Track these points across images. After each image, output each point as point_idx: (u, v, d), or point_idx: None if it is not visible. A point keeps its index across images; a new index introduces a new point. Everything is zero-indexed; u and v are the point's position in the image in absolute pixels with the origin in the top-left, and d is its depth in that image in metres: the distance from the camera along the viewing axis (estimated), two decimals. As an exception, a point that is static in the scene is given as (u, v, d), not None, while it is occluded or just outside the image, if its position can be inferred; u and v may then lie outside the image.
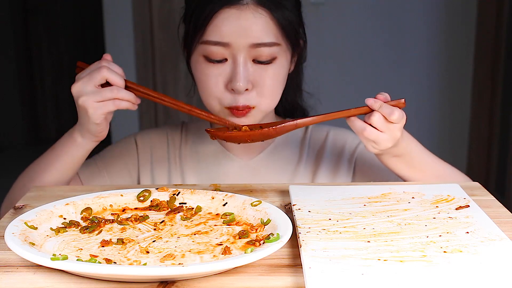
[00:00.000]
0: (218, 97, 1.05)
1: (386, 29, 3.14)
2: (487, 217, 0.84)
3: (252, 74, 1.04)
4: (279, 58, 1.06)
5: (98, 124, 1.00)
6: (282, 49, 1.06)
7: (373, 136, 0.97)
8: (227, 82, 1.04)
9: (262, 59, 1.04)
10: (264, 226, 0.81)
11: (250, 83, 1.03)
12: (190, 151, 1.21)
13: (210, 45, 1.03)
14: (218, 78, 1.04)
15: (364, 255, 0.72)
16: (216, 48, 1.03)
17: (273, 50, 1.04)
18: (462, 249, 0.74)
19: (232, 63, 1.03)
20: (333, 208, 0.88)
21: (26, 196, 1.00)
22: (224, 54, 1.03)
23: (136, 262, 0.73)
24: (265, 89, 1.05)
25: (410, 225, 0.82)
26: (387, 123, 0.96)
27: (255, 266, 0.73)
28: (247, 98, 1.04)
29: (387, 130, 0.97)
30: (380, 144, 0.98)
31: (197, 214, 0.89)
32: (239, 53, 1.02)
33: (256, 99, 1.05)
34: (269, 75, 1.05)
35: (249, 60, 1.04)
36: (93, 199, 0.91)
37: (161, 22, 3.12)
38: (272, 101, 1.08)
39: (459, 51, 3.16)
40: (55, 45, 4.74)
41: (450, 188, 0.96)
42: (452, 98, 3.22)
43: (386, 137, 0.97)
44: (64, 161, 1.07)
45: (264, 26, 1.03)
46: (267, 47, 1.03)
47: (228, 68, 1.04)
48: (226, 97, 1.05)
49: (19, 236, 0.76)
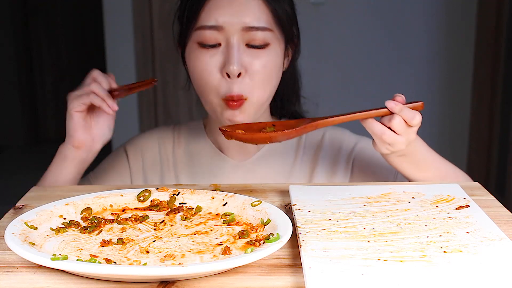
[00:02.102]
0: (214, 85, 1.06)
1: (386, 29, 3.14)
2: (487, 217, 0.84)
3: (246, 58, 1.05)
4: (272, 45, 1.07)
5: (73, 118, 1.05)
6: (275, 36, 1.07)
7: (391, 139, 0.97)
8: (221, 67, 1.05)
9: (255, 43, 1.05)
10: (264, 226, 0.81)
11: (243, 67, 1.04)
12: (184, 152, 1.21)
13: (204, 30, 1.05)
14: (212, 64, 1.05)
15: (364, 255, 0.72)
16: (210, 33, 1.05)
17: (266, 35, 1.05)
18: (462, 249, 0.74)
19: (226, 47, 1.05)
20: (333, 208, 0.88)
21: (26, 196, 1.00)
22: (218, 38, 1.05)
23: (136, 262, 0.73)
24: (257, 75, 1.05)
25: (410, 225, 0.82)
26: (407, 127, 0.97)
27: (255, 266, 0.73)
28: (240, 87, 1.04)
29: (405, 133, 0.97)
30: (395, 147, 0.99)
31: (197, 214, 0.89)
32: (232, 36, 1.04)
33: (249, 87, 1.05)
34: (262, 60, 1.06)
35: (242, 44, 1.05)
36: (93, 199, 0.91)
37: (161, 22, 3.12)
38: (263, 92, 1.08)
39: (459, 51, 3.16)
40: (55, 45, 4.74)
41: (450, 188, 0.96)
42: (452, 98, 3.22)
43: (402, 140, 0.98)
44: (58, 179, 1.10)
45: (257, 10, 1.05)
46: (259, 31, 1.04)
47: (222, 53, 1.05)
48: (221, 85, 1.05)
49: (19, 236, 0.76)
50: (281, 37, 1.09)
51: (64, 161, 1.08)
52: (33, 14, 4.66)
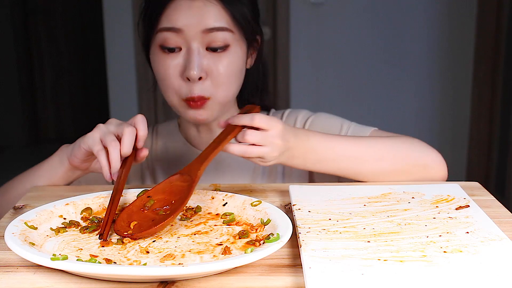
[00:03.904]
0: (175, 88, 1.07)
1: (386, 29, 3.14)
2: (487, 217, 0.84)
3: (206, 62, 1.06)
4: (233, 46, 1.07)
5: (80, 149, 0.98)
6: (235, 38, 1.08)
7: (256, 152, 0.94)
8: (182, 71, 1.06)
9: (215, 45, 1.06)
10: (264, 226, 0.81)
11: (204, 71, 1.05)
12: (161, 151, 1.23)
13: (163, 31, 1.06)
14: (173, 68, 1.07)
15: (364, 255, 0.72)
16: (170, 35, 1.06)
17: (226, 35, 1.06)
18: (462, 249, 0.74)
19: (186, 52, 1.06)
20: (333, 208, 0.88)
21: (26, 196, 1.00)
22: (178, 42, 1.06)
23: (136, 262, 0.73)
24: (219, 78, 1.06)
25: (410, 225, 0.82)
26: (262, 134, 0.93)
27: (255, 266, 0.73)
28: (201, 88, 1.06)
29: (266, 141, 0.93)
30: (268, 157, 0.95)
31: (197, 214, 0.89)
32: (192, 40, 1.05)
33: (211, 89, 1.06)
34: (223, 63, 1.06)
35: (202, 48, 1.06)
36: (93, 199, 0.91)
37: (161, 22, 3.12)
38: (227, 92, 1.09)
39: (459, 51, 3.16)
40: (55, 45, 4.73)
41: (450, 188, 0.96)
42: (452, 98, 3.22)
43: (267, 150, 0.94)
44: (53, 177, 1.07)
45: (215, 13, 1.05)
46: (219, 32, 1.05)
47: (182, 58, 1.06)
48: (182, 87, 1.07)
49: (19, 236, 0.76)
50: (242, 38, 1.10)
51: (61, 167, 1.05)
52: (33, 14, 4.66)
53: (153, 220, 0.84)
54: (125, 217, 0.85)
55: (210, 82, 1.06)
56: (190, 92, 1.06)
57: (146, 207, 0.87)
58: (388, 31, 3.14)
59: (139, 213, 0.86)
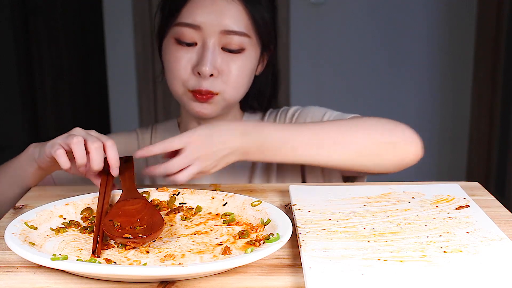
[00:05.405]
0: (183, 79, 1.07)
1: (386, 29, 3.14)
2: (487, 217, 0.84)
3: (220, 61, 1.06)
4: (248, 50, 1.08)
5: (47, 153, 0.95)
6: (252, 43, 1.08)
7: (188, 174, 0.93)
8: (194, 66, 1.06)
9: (231, 48, 1.06)
10: (264, 226, 0.81)
11: (216, 69, 1.06)
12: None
13: (182, 26, 1.06)
14: (186, 61, 1.07)
15: (364, 255, 0.72)
16: (188, 31, 1.06)
17: (243, 40, 1.07)
18: (462, 249, 0.74)
19: (201, 47, 1.06)
20: (333, 208, 0.88)
21: (26, 196, 1.00)
22: (195, 37, 1.06)
23: (136, 262, 0.73)
24: (230, 78, 1.07)
25: (410, 225, 0.82)
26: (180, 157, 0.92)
27: (255, 266, 0.73)
28: (211, 84, 1.06)
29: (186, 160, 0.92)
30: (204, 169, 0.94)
31: (197, 214, 0.89)
32: (209, 38, 1.05)
33: (220, 86, 1.07)
34: (236, 64, 1.07)
35: (218, 47, 1.06)
36: (93, 199, 0.91)
37: (161, 22, 3.12)
38: (236, 92, 1.10)
39: (459, 51, 3.16)
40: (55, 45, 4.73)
41: (450, 188, 0.96)
42: (452, 98, 3.22)
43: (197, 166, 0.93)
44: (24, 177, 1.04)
45: (236, 14, 1.06)
46: (237, 36, 1.06)
47: (197, 53, 1.07)
48: (191, 79, 1.07)
49: (19, 236, 0.76)
50: (258, 43, 1.10)
51: (31, 165, 1.01)
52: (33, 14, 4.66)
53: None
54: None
55: (220, 80, 1.07)
56: (198, 85, 1.06)
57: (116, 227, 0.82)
58: (388, 31, 3.14)
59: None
